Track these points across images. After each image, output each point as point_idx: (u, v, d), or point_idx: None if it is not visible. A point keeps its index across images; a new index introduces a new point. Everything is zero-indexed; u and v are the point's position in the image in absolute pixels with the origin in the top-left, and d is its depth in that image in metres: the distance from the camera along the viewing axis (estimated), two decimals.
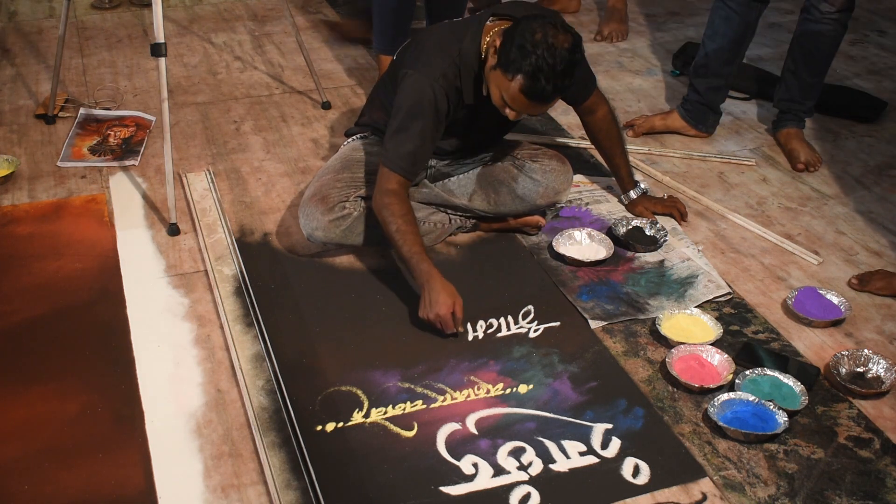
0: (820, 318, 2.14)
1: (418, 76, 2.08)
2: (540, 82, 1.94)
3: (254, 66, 3.44)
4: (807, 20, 2.74)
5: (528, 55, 1.93)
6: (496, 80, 2.03)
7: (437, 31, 2.23)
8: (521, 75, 1.95)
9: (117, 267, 2.26)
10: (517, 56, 1.94)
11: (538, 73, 1.93)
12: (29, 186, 2.60)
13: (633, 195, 2.53)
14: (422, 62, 2.10)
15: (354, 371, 1.96)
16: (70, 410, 1.84)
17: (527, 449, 1.78)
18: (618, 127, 2.47)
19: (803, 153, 2.84)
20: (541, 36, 1.93)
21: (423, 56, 2.12)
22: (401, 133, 2.09)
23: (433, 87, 2.07)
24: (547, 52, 1.92)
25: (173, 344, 2.02)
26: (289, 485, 1.68)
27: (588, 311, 2.15)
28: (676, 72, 3.46)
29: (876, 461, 1.78)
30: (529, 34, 1.94)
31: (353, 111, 3.08)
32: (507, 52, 1.97)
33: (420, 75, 2.08)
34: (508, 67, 1.97)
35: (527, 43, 1.93)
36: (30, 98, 3.12)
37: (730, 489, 1.71)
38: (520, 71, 1.95)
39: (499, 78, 2.01)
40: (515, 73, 1.96)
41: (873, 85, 3.44)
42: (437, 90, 2.07)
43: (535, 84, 1.95)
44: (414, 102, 2.08)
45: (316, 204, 2.20)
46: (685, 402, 1.91)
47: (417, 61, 2.11)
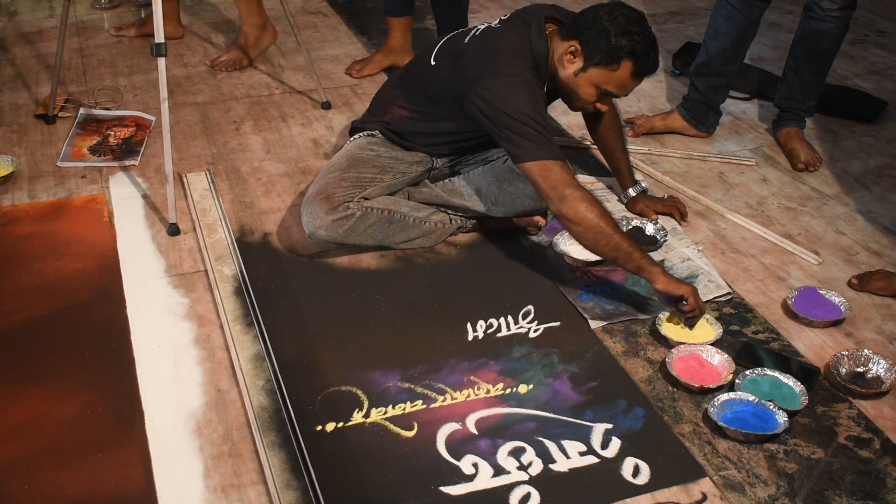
0: (820, 318, 2.14)
1: (510, 79, 2.07)
2: (650, 57, 2.07)
3: (254, 66, 3.44)
4: (809, 18, 2.74)
5: (626, 41, 2.02)
6: (591, 80, 2.09)
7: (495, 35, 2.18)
8: (628, 59, 2.05)
9: (117, 267, 2.26)
10: (617, 46, 2.03)
11: (647, 49, 2.06)
12: (29, 186, 2.61)
13: (633, 193, 2.54)
14: (505, 67, 2.08)
15: (354, 371, 1.96)
16: (70, 410, 1.84)
17: (527, 449, 1.78)
18: (619, 124, 2.48)
19: (803, 153, 2.84)
20: (624, 19, 2.05)
21: (504, 60, 2.09)
22: (530, 131, 2.03)
23: (530, 85, 2.08)
24: (637, 27, 2.04)
25: (173, 344, 2.02)
26: (289, 485, 1.68)
27: (588, 311, 2.15)
28: (676, 72, 3.46)
29: (876, 461, 1.78)
30: (615, 20, 2.05)
31: (353, 111, 3.08)
32: (598, 48, 2.05)
33: (511, 78, 2.07)
34: (608, 60, 2.05)
35: (615, 30, 2.03)
36: (30, 98, 3.12)
37: (730, 489, 1.71)
38: (627, 56, 2.04)
39: (596, 76, 2.08)
40: (619, 61, 2.05)
41: (873, 85, 3.44)
42: (535, 87, 2.10)
43: (647, 60, 2.07)
44: (520, 105, 2.04)
45: (320, 203, 2.19)
46: (685, 402, 1.91)
47: (498, 67, 2.08)
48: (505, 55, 2.10)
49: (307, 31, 3.74)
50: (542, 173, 2.03)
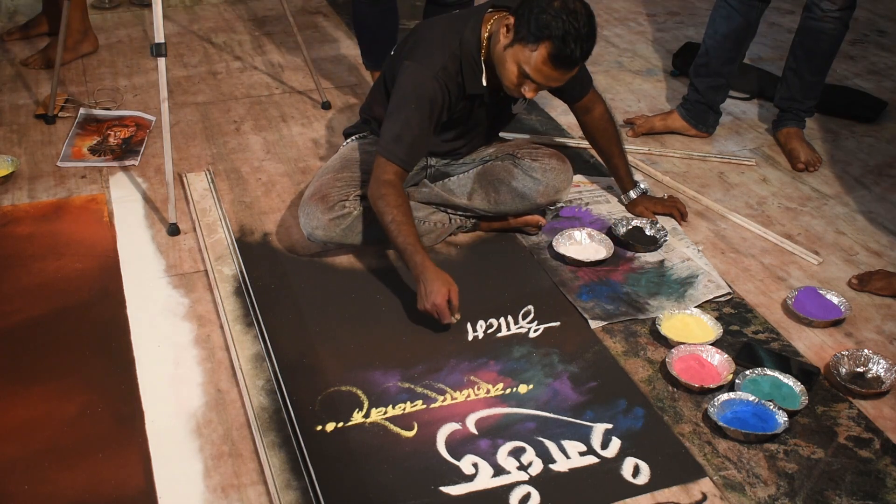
0: (820, 318, 2.14)
1: (418, 67, 2.09)
2: (569, 45, 1.97)
3: (254, 66, 3.44)
4: (809, 18, 2.74)
5: (552, 21, 1.95)
6: (515, 56, 2.03)
7: (436, 23, 2.23)
8: (548, 42, 1.97)
9: (117, 267, 2.26)
10: (541, 24, 1.96)
11: (566, 36, 1.96)
12: (29, 186, 2.60)
13: (633, 195, 2.53)
14: (421, 54, 2.11)
15: (354, 371, 1.96)
16: (70, 410, 1.84)
17: (527, 449, 1.78)
18: (615, 126, 2.47)
19: (803, 153, 2.84)
20: (559, 3, 1.97)
21: (423, 48, 2.12)
22: (398, 124, 2.08)
23: (433, 79, 2.07)
24: (570, 16, 1.96)
25: (173, 344, 2.02)
26: (289, 485, 1.68)
27: (588, 311, 2.15)
28: (676, 72, 3.46)
29: (876, 461, 1.78)
30: (547, 3, 1.97)
31: (353, 111, 3.08)
32: (526, 23, 1.98)
33: (420, 66, 2.09)
34: (531, 38, 1.98)
35: (548, 10, 1.96)
36: (30, 98, 3.12)
37: (730, 489, 1.71)
38: (547, 38, 1.97)
39: (518, 52, 2.02)
40: (539, 41, 1.98)
41: (873, 85, 3.44)
42: (438, 82, 2.08)
43: (564, 48, 1.97)
44: (413, 94, 2.08)
45: (316, 203, 2.20)
46: (685, 402, 1.91)
47: (416, 53, 2.11)
48: (427, 43, 2.12)
49: (307, 31, 3.74)
50: (381, 166, 2.09)
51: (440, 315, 2.00)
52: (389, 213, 2.05)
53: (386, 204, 2.06)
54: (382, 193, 2.07)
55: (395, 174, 2.09)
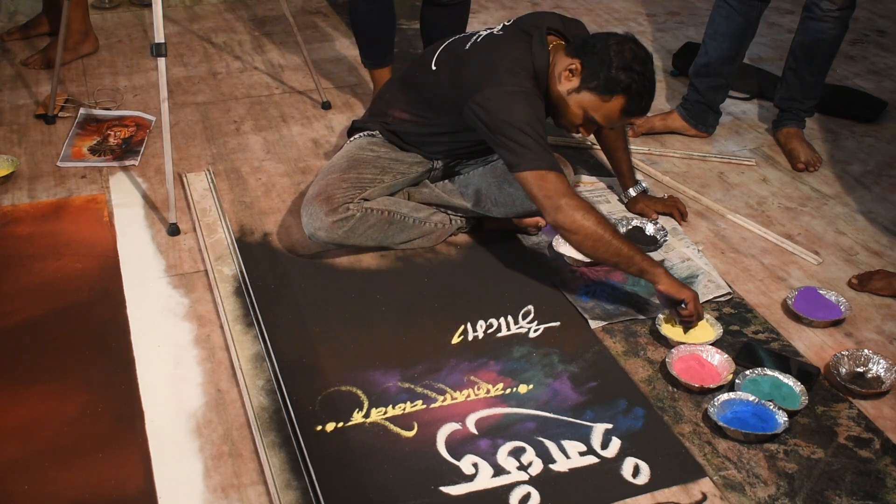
0: (820, 318, 2.14)
1: (509, 90, 2.05)
2: (644, 99, 2.04)
3: (254, 66, 3.44)
4: (808, 18, 2.74)
5: (627, 76, 1.99)
6: (581, 103, 2.06)
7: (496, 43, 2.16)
8: (623, 95, 2.01)
9: (117, 267, 2.26)
10: (616, 78, 2.00)
11: (643, 91, 2.02)
12: (29, 186, 2.61)
13: (633, 193, 2.54)
14: (505, 76, 2.06)
15: (354, 371, 1.96)
16: (70, 410, 1.84)
17: (527, 449, 1.78)
18: None
19: (803, 153, 2.84)
20: (631, 55, 2.01)
21: (504, 70, 2.07)
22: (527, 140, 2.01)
23: (530, 95, 2.06)
24: (643, 67, 2.01)
25: (173, 344, 2.02)
26: (289, 485, 1.68)
27: (588, 311, 2.15)
28: (676, 72, 3.46)
29: (876, 461, 1.79)
30: (619, 55, 2.00)
31: (353, 111, 3.08)
32: (598, 75, 2.01)
33: (511, 88, 2.05)
34: (603, 90, 2.02)
35: (619, 62, 1.99)
36: (30, 98, 3.12)
37: (730, 489, 1.71)
38: (622, 92, 2.01)
39: (586, 100, 2.05)
40: (614, 94, 2.01)
41: (873, 85, 3.44)
42: (534, 97, 2.08)
43: (641, 101, 2.04)
44: (518, 114, 2.03)
45: (320, 204, 2.19)
46: (685, 402, 1.91)
47: (498, 75, 2.07)
48: (505, 65, 2.09)
49: (307, 31, 3.74)
50: (538, 182, 2.02)
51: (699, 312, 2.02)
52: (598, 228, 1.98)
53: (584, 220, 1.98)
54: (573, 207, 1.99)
55: (559, 180, 2.02)
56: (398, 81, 2.40)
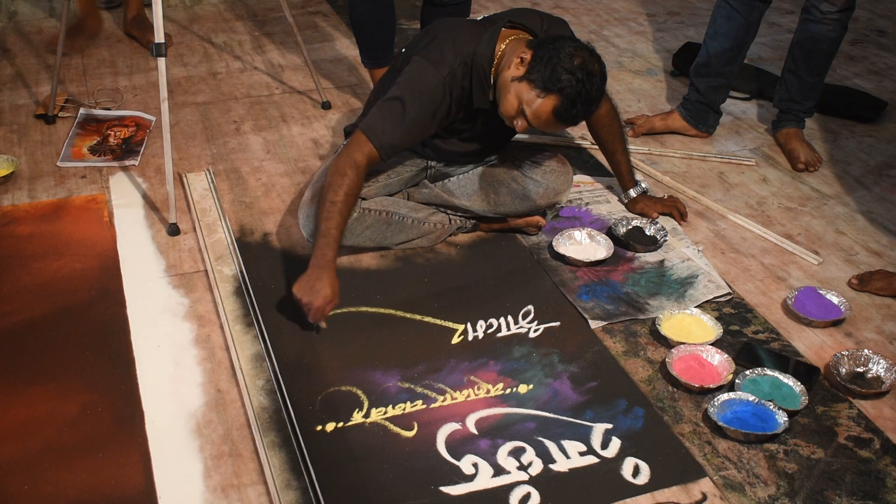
0: (820, 318, 2.14)
1: (427, 65, 2.07)
2: (575, 107, 2.00)
3: (254, 66, 3.44)
4: (807, 20, 2.74)
5: (567, 79, 1.97)
6: (518, 92, 2.03)
7: (454, 26, 2.19)
8: (558, 96, 1.98)
9: (117, 267, 2.26)
10: (554, 76, 1.97)
11: (577, 98, 1.98)
12: (29, 186, 2.61)
13: (633, 193, 2.54)
14: (434, 53, 2.09)
15: (354, 371, 1.96)
16: (70, 410, 1.84)
17: (527, 449, 1.78)
18: (620, 123, 2.48)
19: (803, 153, 2.84)
20: (580, 62, 1.98)
21: (437, 48, 2.10)
22: (394, 111, 2.06)
23: (439, 81, 2.06)
24: (587, 78, 1.98)
25: (173, 344, 2.02)
26: (289, 485, 1.68)
27: (588, 311, 2.15)
28: (676, 72, 3.46)
29: (876, 461, 1.79)
30: (568, 57, 1.98)
31: (353, 111, 3.08)
32: (542, 70, 1.99)
33: (429, 64, 2.07)
34: (542, 84, 1.99)
35: (567, 66, 1.97)
36: (30, 98, 3.12)
37: (730, 489, 1.71)
38: (557, 92, 1.98)
39: (524, 90, 2.02)
40: (549, 92, 1.98)
41: (873, 85, 3.44)
42: (443, 85, 2.07)
43: (571, 108, 2.00)
44: (416, 87, 2.06)
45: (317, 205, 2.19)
46: (685, 402, 1.91)
47: (430, 51, 2.10)
48: (441, 44, 2.10)
49: (307, 31, 3.74)
50: (355, 141, 2.05)
51: (311, 312, 1.97)
52: (336, 194, 2.00)
53: (339, 185, 2.01)
54: (345, 172, 2.02)
55: (368, 157, 2.05)
56: (386, 77, 2.40)
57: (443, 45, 2.10)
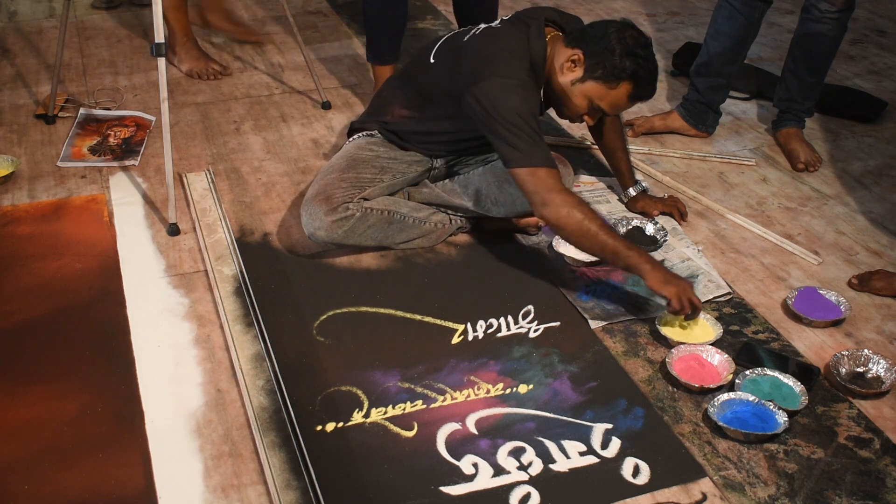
0: (820, 318, 2.14)
1: (503, 80, 2.06)
2: (651, 84, 2.07)
3: (254, 66, 3.44)
4: (807, 20, 2.74)
5: (632, 62, 2.02)
6: (586, 92, 2.09)
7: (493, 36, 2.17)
8: (630, 82, 2.04)
9: (117, 267, 2.26)
10: (621, 65, 2.03)
11: (648, 76, 2.05)
12: (29, 186, 2.61)
13: (633, 193, 2.54)
14: (500, 68, 2.08)
15: (354, 371, 1.96)
16: (70, 410, 1.84)
17: (527, 449, 1.78)
18: (620, 122, 2.49)
19: (803, 153, 2.84)
20: (633, 41, 2.04)
21: (500, 61, 2.09)
22: (525, 135, 2.03)
23: (525, 87, 2.08)
24: (645, 51, 2.05)
25: (173, 344, 2.02)
26: (289, 485, 1.68)
27: (588, 311, 2.15)
28: (676, 72, 3.46)
29: (876, 461, 1.79)
30: (623, 40, 2.04)
31: (353, 111, 3.08)
32: (603, 64, 2.04)
33: (504, 79, 2.06)
34: (609, 77, 2.04)
35: (621, 48, 2.02)
36: (30, 98, 3.12)
37: (730, 489, 1.71)
38: (628, 79, 2.04)
39: (591, 89, 2.08)
40: (620, 81, 2.04)
41: (873, 85, 3.44)
42: (529, 89, 2.09)
43: (647, 86, 2.08)
44: (514, 106, 2.04)
45: (319, 204, 2.19)
46: (685, 402, 1.91)
47: (494, 67, 2.08)
48: (502, 56, 2.10)
49: (307, 31, 3.74)
50: (529, 178, 2.04)
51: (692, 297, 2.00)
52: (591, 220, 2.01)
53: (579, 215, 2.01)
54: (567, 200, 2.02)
55: (554, 177, 2.05)
56: (397, 79, 2.40)
57: (503, 54, 2.10)
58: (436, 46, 2.28)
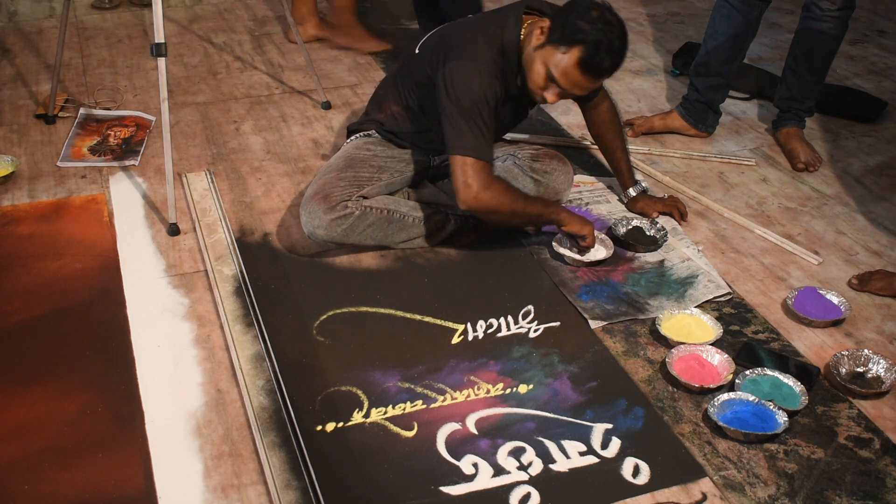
0: (820, 318, 2.14)
1: (470, 64, 2.10)
2: (599, 55, 2.01)
3: (254, 66, 3.44)
4: (808, 18, 2.74)
5: (587, 26, 2.00)
6: (544, 58, 2.06)
7: (472, 23, 2.24)
8: (581, 46, 2.01)
9: (117, 267, 2.26)
10: (576, 28, 2.00)
11: (599, 45, 2.00)
12: (29, 186, 2.61)
13: (633, 192, 2.54)
14: (469, 51, 2.12)
15: (354, 371, 1.96)
16: (70, 410, 1.84)
17: (527, 449, 1.78)
18: (619, 123, 2.49)
19: (803, 153, 2.84)
20: (598, 13, 2.02)
21: (469, 44, 2.13)
22: (473, 123, 2.09)
23: (487, 73, 2.09)
24: (606, 26, 2.01)
25: (173, 344, 2.02)
26: (289, 485, 1.68)
27: (588, 311, 2.15)
28: (676, 72, 3.46)
29: (876, 461, 1.78)
30: (586, 10, 2.02)
31: (353, 111, 3.08)
32: (562, 26, 2.02)
33: (472, 63, 2.10)
34: (563, 40, 2.02)
35: (585, 17, 2.01)
36: (30, 98, 3.12)
37: (730, 489, 1.71)
38: (579, 42, 2.01)
39: (548, 54, 2.05)
40: (572, 45, 2.01)
41: (873, 85, 3.44)
42: (492, 76, 2.10)
43: (595, 56, 2.01)
44: (474, 92, 2.08)
45: (318, 202, 2.19)
46: (685, 402, 1.91)
47: (464, 51, 2.12)
48: (472, 40, 2.13)
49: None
50: (461, 166, 2.10)
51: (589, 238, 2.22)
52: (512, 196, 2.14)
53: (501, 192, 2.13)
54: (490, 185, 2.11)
55: (486, 169, 2.11)
56: (391, 76, 2.41)
57: (474, 39, 2.14)
58: (423, 39, 2.31)
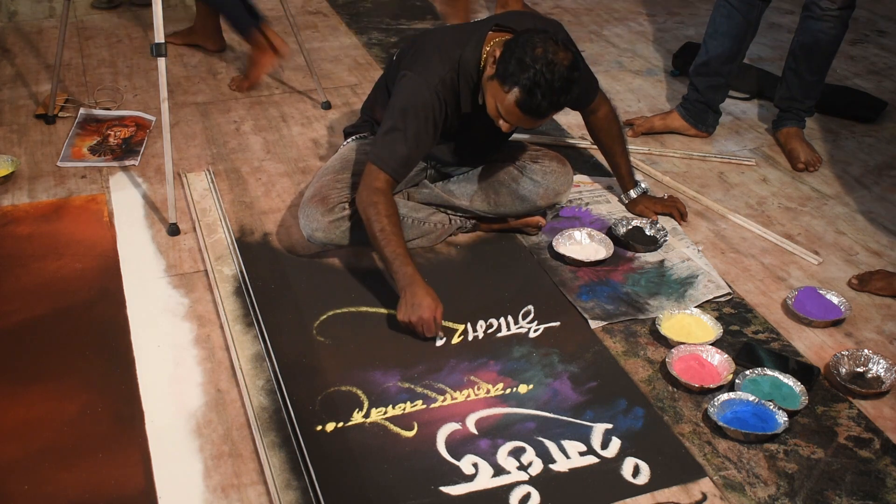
0: (820, 318, 2.14)
1: (417, 78, 2.08)
2: (536, 97, 1.94)
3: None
4: (808, 17, 2.74)
5: (526, 69, 1.92)
6: (493, 91, 2.02)
7: (439, 34, 2.22)
8: (518, 88, 1.95)
9: (117, 267, 2.26)
10: (515, 69, 1.94)
11: (535, 87, 1.93)
12: (29, 186, 2.61)
13: (634, 194, 2.54)
14: (421, 64, 2.10)
15: (354, 371, 1.96)
16: (70, 410, 1.84)
17: (527, 449, 1.78)
18: (619, 125, 2.48)
19: (803, 153, 2.84)
20: (541, 51, 1.93)
21: (423, 59, 2.11)
22: (394, 133, 2.08)
23: (432, 91, 2.06)
24: (546, 67, 1.92)
25: (173, 344, 2.02)
26: (289, 485, 1.68)
27: (588, 311, 2.15)
28: (676, 72, 3.46)
29: (876, 461, 1.79)
30: (530, 48, 1.94)
31: (353, 111, 3.08)
32: (505, 64, 1.96)
33: (419, 77, 2.08)
34: (506, 79, 1.96)
35: (526, 56, 1.93)
36: (30, 98, 3.12)
37: (730, 489, 1.71)
38: (517, 84, 1.94)
39: (495, 88, 2.01)
40: (512, 86, 1.96)
41: (873, 85, 3.44)
42: (436, 95, 2.07)
43: (531, 99, 1.95)
44: (410, 104, 2.07)
45: (316, 205, 2.19)
46: (685, 402, 1.91)
47: (416, 63, 2.11)
48: (429, 54, 2.11)
49: (307, 31, 3.74)
50: (369, 173, 2.08)
51: (425, 328, 2.00)
52: (379, 222, 2.04)
53: (377, 213, 2.04)
54: (374, 201, 2.05)
55: (387, 183, 2.08)
56: (381, 80, 2.41)
57: (430, 54, 2.11)
58: (402, 46, 2.30)
